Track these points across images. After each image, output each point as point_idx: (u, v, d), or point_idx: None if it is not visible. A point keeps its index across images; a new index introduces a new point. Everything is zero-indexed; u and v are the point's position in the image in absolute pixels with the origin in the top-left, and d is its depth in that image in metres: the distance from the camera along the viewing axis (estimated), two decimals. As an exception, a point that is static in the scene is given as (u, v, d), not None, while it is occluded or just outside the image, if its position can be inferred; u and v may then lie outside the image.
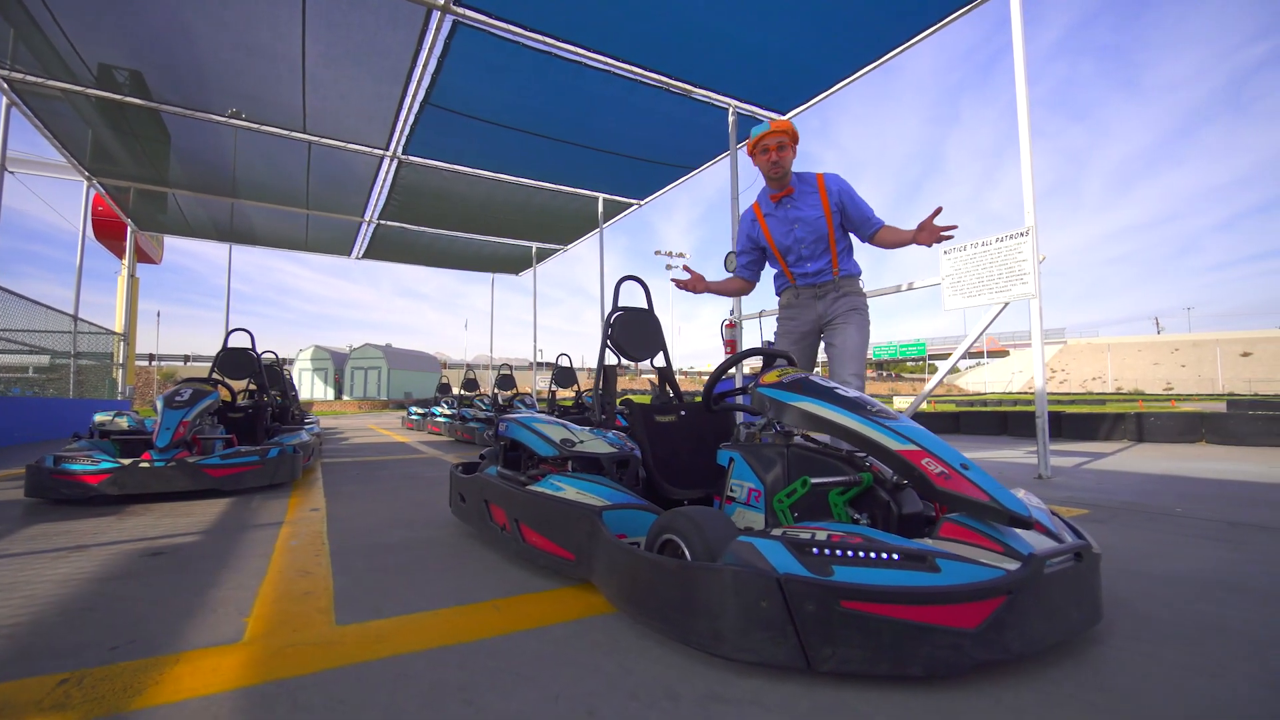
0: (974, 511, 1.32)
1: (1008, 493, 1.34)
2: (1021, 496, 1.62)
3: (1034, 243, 4.34)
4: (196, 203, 10.49)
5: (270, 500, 3.39)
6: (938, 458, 1.40)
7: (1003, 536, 1.28)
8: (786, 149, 2.57)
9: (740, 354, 2.03)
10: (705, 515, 1.43)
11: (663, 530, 1.49)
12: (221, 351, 5.09)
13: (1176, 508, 3.07)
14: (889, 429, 1.48)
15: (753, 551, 1.23)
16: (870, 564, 1.18)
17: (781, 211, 2.68)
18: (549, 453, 2.12)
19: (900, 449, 1.43)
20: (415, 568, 2.02)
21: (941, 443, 1.45)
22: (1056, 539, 1.37)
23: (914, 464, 1.40)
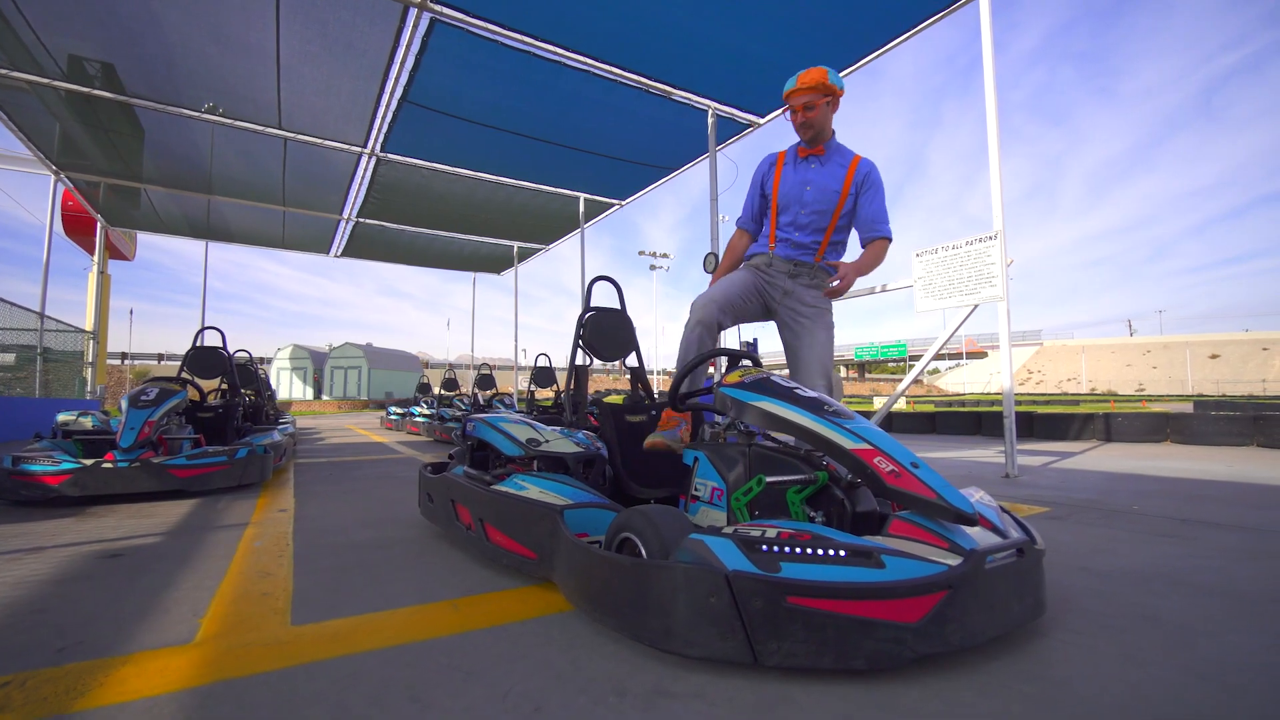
0: (922, 509, 1.36)
1: (955, 491, 1.38)
2: (975, 496, 1.67)
3: (1002, 246, 4.43)
4: (170, 198, 10.29)
5: (238, 501, 3.35)
6: (889, 456, 1.43)
7: (948, 533, 1.32)
8: (815, 108, 2.29)
9: (703, 355, 2.05)
10: (661, 514, 1.45)
11: (620, 529, 1.51)
12: (191, 350, 5.02)
13: (1134, 505, 3.15)
14: (843, 428, 1.51)
15: (704, 549, 1.26)
16: (817, 560, 1.21)
17: (802, 167, 2.42)
18: (515, 452, 2.13)
19: (854, 448, 1.47)
20: (379, 567, 2.02)
21: (894, 442, 1.49)
22: (1002, 535, 1.42)
23: (866, 462, 1.44)
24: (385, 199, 9.95)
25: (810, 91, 2.27)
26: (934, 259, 4.94)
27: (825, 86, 2.27)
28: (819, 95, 2.28)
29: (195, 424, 4.55)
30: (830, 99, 2.32)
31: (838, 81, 2.32)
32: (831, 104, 2.34)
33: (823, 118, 2.32)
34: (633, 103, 6.74)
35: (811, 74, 2.28)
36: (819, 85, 2.27)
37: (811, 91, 2.27)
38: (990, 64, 4.54)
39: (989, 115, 4.53)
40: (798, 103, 2.30)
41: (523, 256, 13.87)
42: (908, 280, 5.23)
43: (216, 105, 6.94)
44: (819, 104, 2.29)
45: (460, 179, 9.03)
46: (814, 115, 2.30)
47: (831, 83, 2.28)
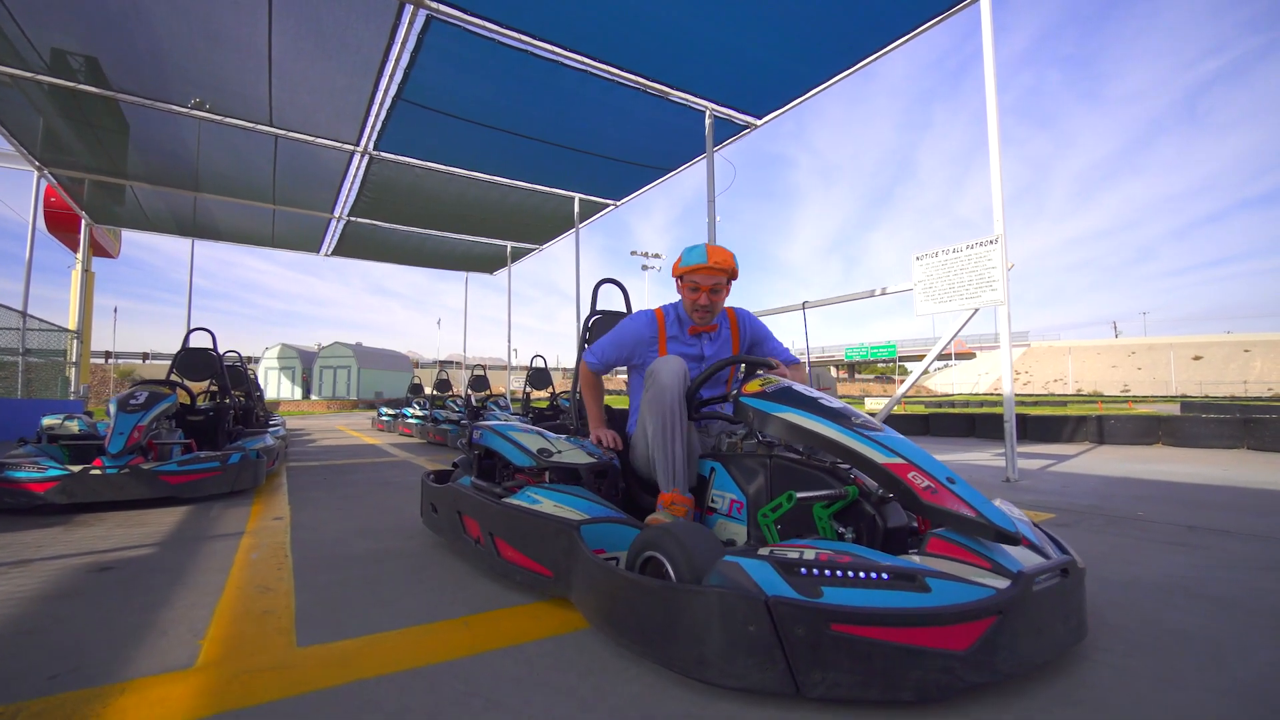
0: (961, 527, 1.31)
1: (994, 507, 1.33)
2: (1003, 508, 1.63)
3: (1003, 250, 4.43)
4: (156, 196, 10.10)
5: (231, 508, 3.26)
6: (924, 471, 1.38)
7: (990, 552, 1.27)
8: (722, 291, 2.07)
9: (721, 362, 1.98)
10: (691, 532, 1.40)
11: (646, 547, 1.45)
12: (181, 352, 4.91)
13: (1138, 511, 3.15)
14: (874, 441, 1.46)
15: (739, 572, 1.20)
16: (860, 584, 1.16)
17: (694, 343, 2.17)
18: (525, 463, 2.07)
19: (886, 462, 1.42)
20: (382, 582, 1.95)
21: (927, 455, 1.45)
22: (1042, 554, 1.37)
23: (900, 478, 1.39)
24: (377, 198, 9.82)
25: (722, 273, 2.02)
26: (934, 262, 4.93)
27: (733, 270, 2.05)
28: (726, 280, 2.06)
29: (185, 428, 4.45)
30: (731, 282, 2.10)
31: (737, 263, 2.09)
32: (728, 293, 2.13)
33: (721, 304, 2.11)
34: (630, 103, 6.69)
35: (722, 254, 2.03)
36: (731, 270, 2.04)
37: (723, 273, 2.03)
38: (991, 71, 4.53)
39: (990, 121, 4.53)
40: (706, 283, 2.02)
41: (516, 256, 13.77)
42: (907, 284, 5.23)
43: (204, 100, 6.81)
44: (725, 289, 2.08)
45: (454, 178, 8.93)
46: (718, 299, 2.07)
47: (735, 266, 2.06)
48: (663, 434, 1.83)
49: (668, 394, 1.84)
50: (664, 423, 1.83)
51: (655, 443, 1.83)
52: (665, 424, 1.83)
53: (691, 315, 2.12)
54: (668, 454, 1.82)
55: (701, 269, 2.02)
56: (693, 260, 2.04)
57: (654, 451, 1.83)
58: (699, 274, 2.03)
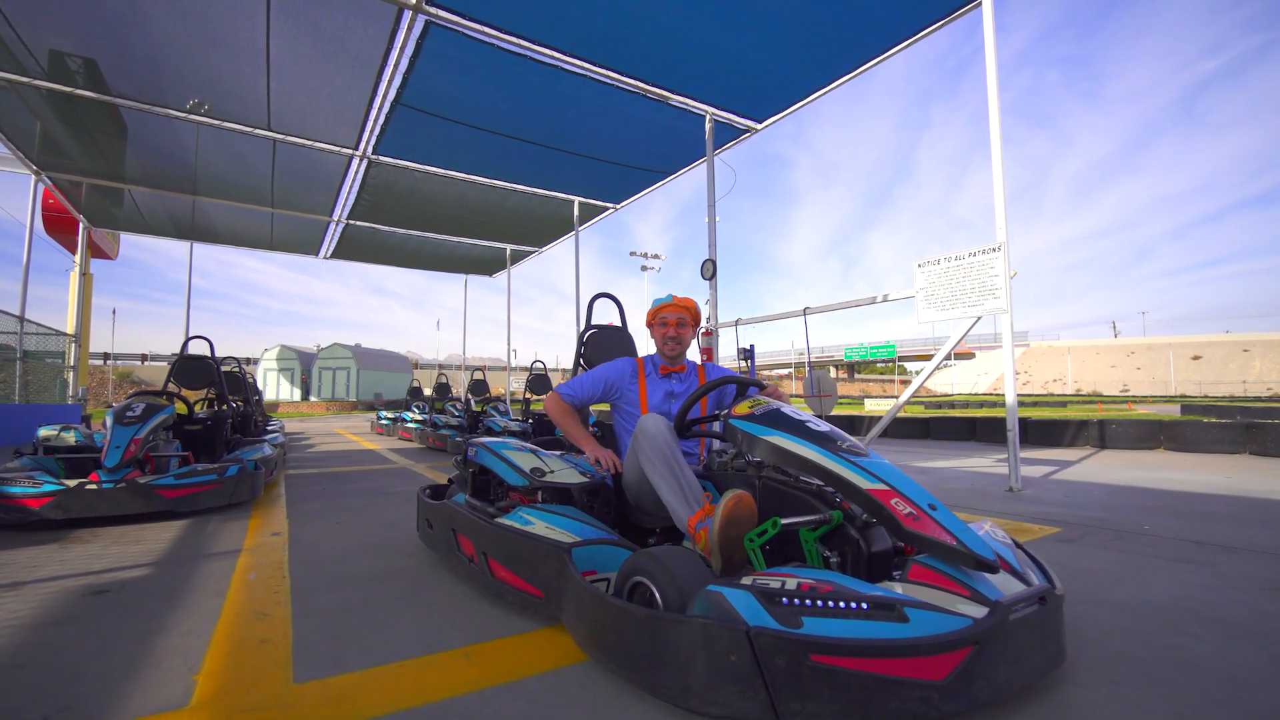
0: (941, 554, 1.31)
1: (973, 534, 1.34)
2: (987, 529, 1.62)
3: (1005, 258, 4.41)
4: (154, 199, 10.07)
5: (229, 522, 3.23)
6: (906, 498, 1.39)
7: (970, 580, 1.28)
8: (687, 326, 2.35)
9: (711, 384, 1.99)
10: (677, 558, 1.40)
11: (632, 572, 1.45)
12: (179, 360, 4.87)
13: (1144, 524, 3.13)
14: (859, 467, 1.47)
15: (722, 601, 1.21)
16: (840, 614, 1.16)
17: (666, 381, 2.39)
18: (519, 482, 2.05)
19: (870, 488, 1.42)
20: (382, 605, 1.92)
21: (911, 482, 1.45)
22: (1022, 579, 1.39)
23: (883, 504, 1.39)
24: (376, 201, 9.80)
25: (685, 311, 2.35)
26: (936, 270, 4.91)
27: (695, 313, 2.36)
28: (691, 322, 2.36)
29: (183, 438, 4.42)
30: (695, 327, 2.39)
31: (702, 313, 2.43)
32: (694, 329, 2.40)
33: (688, 338, 2.38)
34: (629, 107, 6.66)
35: (686, 302, 2.38)
36: (694, 312, 2.36)
37: (688, 314, 2.35)
38: (993, 78, 4.50)
39: (992, 128, 4.50)
40: (671, 318, 2.34)
41: (515, 259, 13.74)
42: (909, 290, 5.20)
43: (201, 103, 6.78)
44: (688, 326, 2.35)
45: (453, 181, 8.91)
46: (684, 333, 2.35)
47: (699, 313, 2.40)
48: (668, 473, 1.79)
49: (659, 437, 1.84)
50: (664, 462, 1.80)
51: (662, 484, 1.78)
52: (666, 462, 1.80)
53: (663, 351, 2.38)
54: (678, 483, 1.77)
55: (666, 307, 2.35)
56: (659, 303, 2.39)
57: (664, 494, 1.78)
58: (665, 311, 2.34)
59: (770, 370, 73.17)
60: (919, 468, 5.84)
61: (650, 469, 1.82)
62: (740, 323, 6.88)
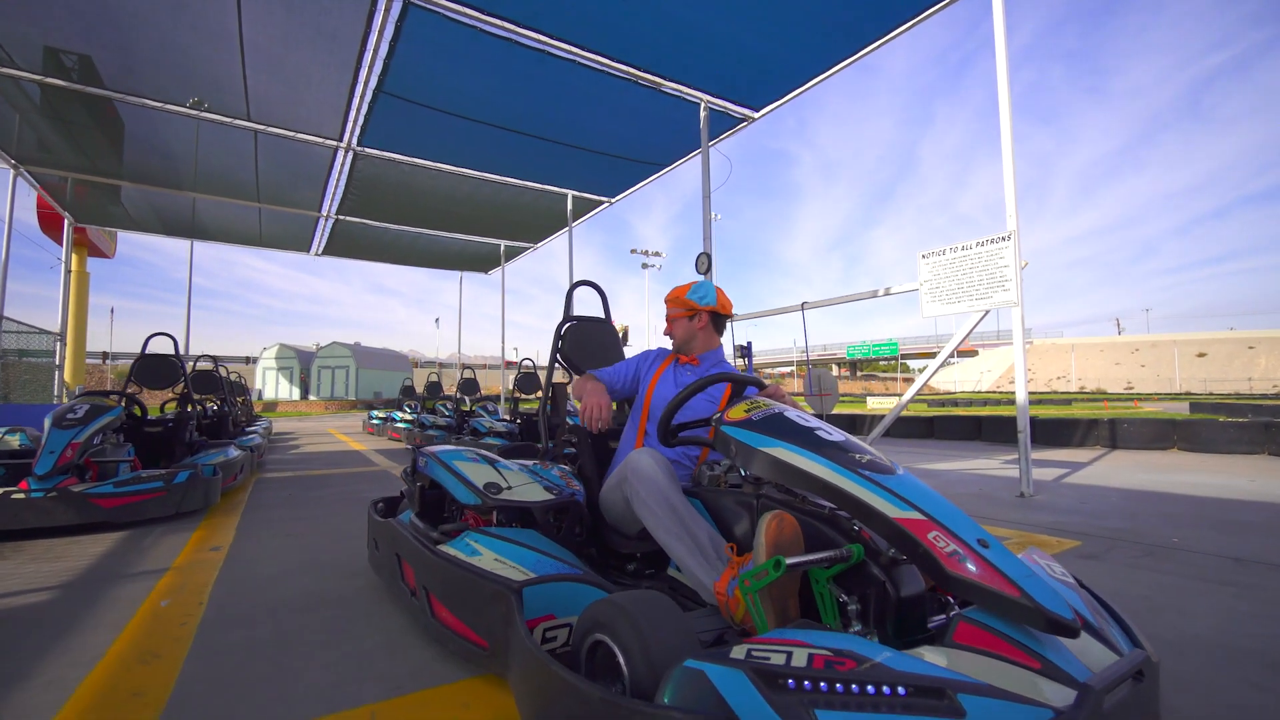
0: (999, 608, 1.00)
1: (1041, 581, 1.01)
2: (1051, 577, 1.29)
3: (1016, 247, 4.12)
4: (138, 194, 9.82)
5: (170, 535, 2.96)
6: (948, 531, 1.08)
7: (1039, 646, 0.96)
8: (677, 321, 2.23)
9: (702, 381, 1.68)
10: (651, 613, 1.10)
11: (593, 627, 1.15)
12: (139, 359, 4.61)
13: (1173, 537, 2.84)
14: (885, 489, 1.16)
15: (705, 685, 0.90)
16: (869, 705, 0.85)
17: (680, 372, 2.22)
18: (470, 501, 1.76)
19: (900, 517, 1.11)
20: (297, 643, 1.65)
21: (952, 508, 1.14)
22: (1102, 639, 1.06)
23: (918, 538, 1.08)
24: (365, 195, 9.53)
25: (672, 304, 2.25)
26: (941, 261, 4.62)
27: (682, 302, 2.22)
28: (678, 309, 2.23)
29: (141, 441, 4.16)
30: (693, 315, 2.21)
31: (699, 297, 2.20)
32: (697, 319, 2.20)
33: (681, 331, 2.23)
34: (621, 95, 6.38)
35: (677, 289, 2.28)
36: (676, 300, 2.24)
37: (672, 305, 2.25)
38: (1003, 54, 4.22)
39: (1002, 111, 4.22)
40: (667, 313, 2.30)
41: (510, 255, 13.47)
42: (912, 284, 4.92)
43: (201, 101, 6.55)
44: (675, 316, 2.24)
45: (442, 174, 8.63)
46: (670, 328, 2.26)
47: (689, 299, 2.20)
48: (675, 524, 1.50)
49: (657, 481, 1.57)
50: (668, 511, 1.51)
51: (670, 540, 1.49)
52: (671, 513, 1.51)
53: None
54: (690, 537, 1.47)
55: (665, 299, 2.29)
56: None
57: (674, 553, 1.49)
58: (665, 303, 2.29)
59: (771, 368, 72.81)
60: (923, 470, 5.55)
61: (652, 521, 1.53)
62: (736, 318, 6.60)
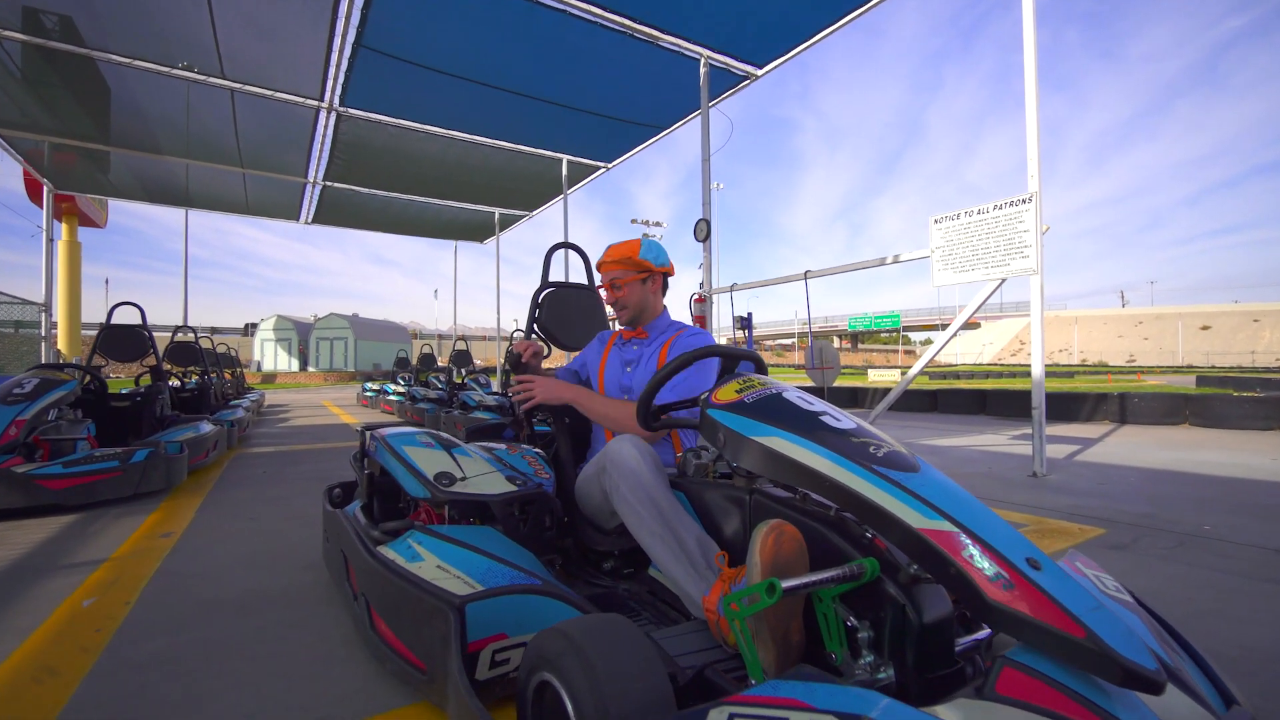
0: (1057, 650, 0.75)
1: (1113, 619, 0.76)
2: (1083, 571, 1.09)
3: (1037, 211, 3.83)
4: (119, 160, 9.46)
5: (124, 518, 2.76)
6: (988, 547, 0.83)
7: (1110, 705, 0.72)
8: (624, 286, 1.89)
9: (686, 356, 1.43)
10: (610, 651, 0.86)
11: (539, 664, 0.93)
12: (103, 330, 4.36)
13: (1204, 524, 2.63)
14: (907, 492, 0.91)
15: None
16: None
17: (626, 349, 1.95)
18: (419, 494, 1.53)
19: (926, 527, 0.87)
20: (220, 656, 1.43)
21: (992, 517, 0.90)
22: (1186, 688, 0.82)
23: (950, 556, 0.84)
24: (351, 160, 9.16)
25: (618, 266, 1.88)
26: (955, 226, 4.33)
27: (635, 263, 1.88)
28: (630, 271, 1.89)
29: (107, 417, 3.94)
30: (647, 276, 1.90)
31: (654, 258, 1.90)
32: (650, 282, 1.92)
33: (636, 297, 1.91)
34: (617, 50, 5.99)
35: (620, 248, 1.91)
36: (627, 260, 1.88)
37: (620, 266, 1.88)
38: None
39: (1027, 63, 3.88)
40: (605, 279, 1.92)
41: (505, 224, 13.10)
42: (923, 250, 4.63)
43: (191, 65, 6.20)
44: (627, 281, 1.88)
45: (431, 138, 8.26)
46: (622, 295, 1.90)
47: (644, 259, 1.87)
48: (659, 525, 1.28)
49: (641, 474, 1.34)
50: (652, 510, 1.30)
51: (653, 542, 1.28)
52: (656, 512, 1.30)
53: (617, 316, 1.99)
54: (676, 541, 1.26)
55: (599, 266, 1.94)
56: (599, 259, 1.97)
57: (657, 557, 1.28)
58: (600, 271, 1.94)
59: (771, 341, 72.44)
60: (928, 446, 5.34)
61: (633, 520, 1.31)
62: (736, 288, 6.33)
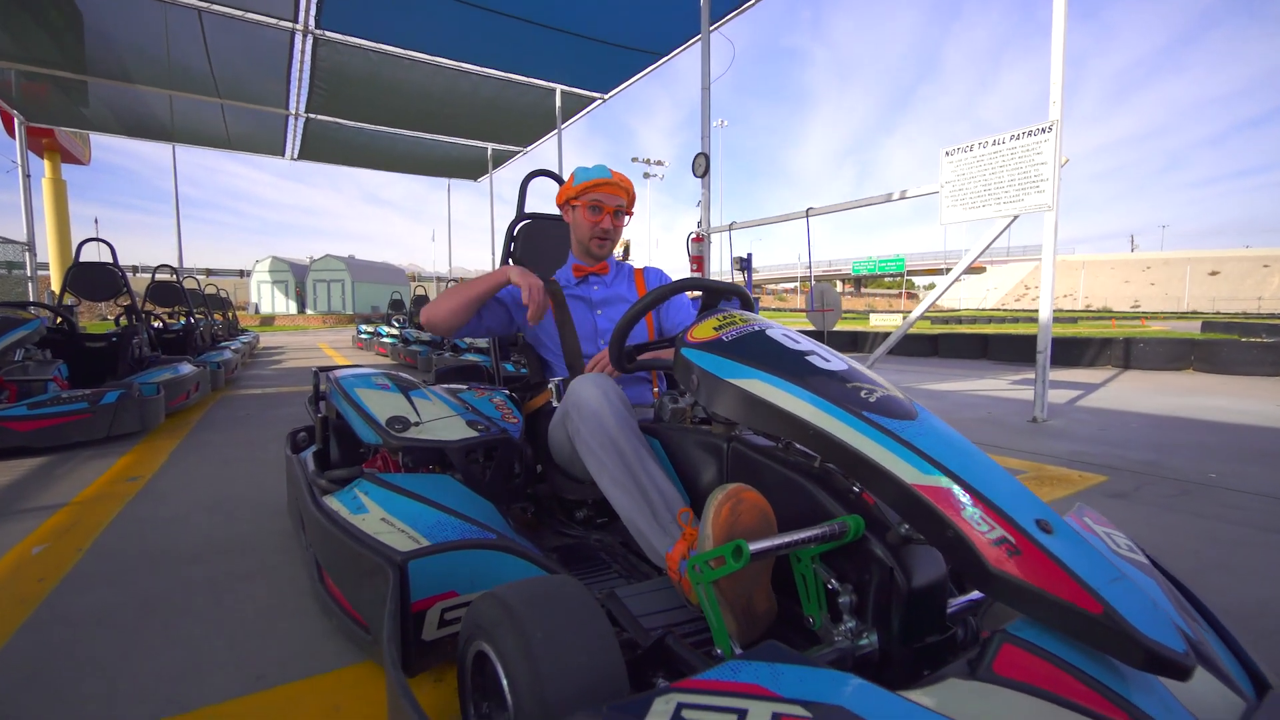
0: (1067, 626, 0.65)
1: (1134, 590, 0.64)
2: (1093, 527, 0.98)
3: (1057, 141, 3.57)
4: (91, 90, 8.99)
5: (92, 461, 2.67)
6: (992, 507, 0.71)
7: (1126, 689, 0.62)
8: (623, 218, 1.71)
9: (664, 289, 1.26)
10: (551, 622, 0.74)
11: (476, 632, 0.82)
12: (72, 268, 4.18)
13: (1210, 471, 2.53)
14: (901, 442, 0.78)
15: None
16: None
17: (585, 290, 1.74)
18: (370, 439, 1.41)
19: (921, 483, 0.75)
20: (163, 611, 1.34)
21: (999, 471, 0.77)
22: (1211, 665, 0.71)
23: (948, 516, 0.72)
24: (333, 89, 8.69)
25: (625, 195, 1.68)
26: (968, 159, 4.07)
27: (632, 198, 1.72)
28: (629, 205, 1.72)
29: (82, 358, 3.82)
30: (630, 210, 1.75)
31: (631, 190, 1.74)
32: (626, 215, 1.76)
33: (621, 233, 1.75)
34: (610, -38, 5.53)
35: (625, 178, 1.69)
36: (631, 192, 1.70)
37: (626, 196, 1.69)
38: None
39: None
40: (609, 202, 1.66)
41: (498, 161, 12.61)
42: (931, 186, 4.38)
43: None
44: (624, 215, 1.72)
45: (416, 65, 7.79)
46: (621, 225, 1.72)
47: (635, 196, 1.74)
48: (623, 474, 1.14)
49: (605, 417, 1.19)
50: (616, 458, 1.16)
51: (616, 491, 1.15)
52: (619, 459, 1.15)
53: (589, 244, 1.70)
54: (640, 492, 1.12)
55: (604, 184, 1.64)
56: (588, 175, 1.67)
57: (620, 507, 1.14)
58: (601, 190, 1.65)
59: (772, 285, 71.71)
60: (927, 390, 5.25)
61: (596, 467, 1.18)
62: (735, 226, 6.08)
